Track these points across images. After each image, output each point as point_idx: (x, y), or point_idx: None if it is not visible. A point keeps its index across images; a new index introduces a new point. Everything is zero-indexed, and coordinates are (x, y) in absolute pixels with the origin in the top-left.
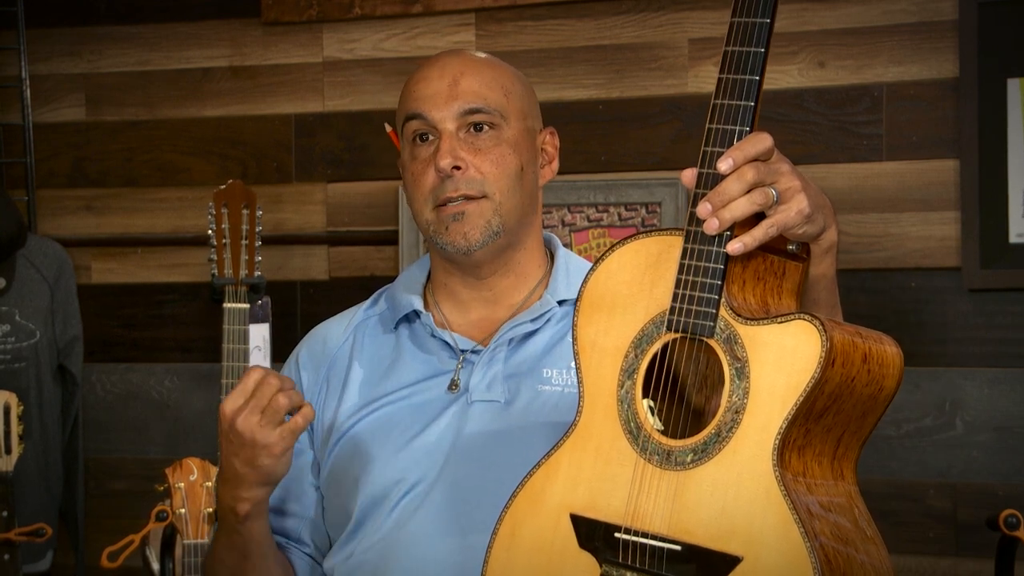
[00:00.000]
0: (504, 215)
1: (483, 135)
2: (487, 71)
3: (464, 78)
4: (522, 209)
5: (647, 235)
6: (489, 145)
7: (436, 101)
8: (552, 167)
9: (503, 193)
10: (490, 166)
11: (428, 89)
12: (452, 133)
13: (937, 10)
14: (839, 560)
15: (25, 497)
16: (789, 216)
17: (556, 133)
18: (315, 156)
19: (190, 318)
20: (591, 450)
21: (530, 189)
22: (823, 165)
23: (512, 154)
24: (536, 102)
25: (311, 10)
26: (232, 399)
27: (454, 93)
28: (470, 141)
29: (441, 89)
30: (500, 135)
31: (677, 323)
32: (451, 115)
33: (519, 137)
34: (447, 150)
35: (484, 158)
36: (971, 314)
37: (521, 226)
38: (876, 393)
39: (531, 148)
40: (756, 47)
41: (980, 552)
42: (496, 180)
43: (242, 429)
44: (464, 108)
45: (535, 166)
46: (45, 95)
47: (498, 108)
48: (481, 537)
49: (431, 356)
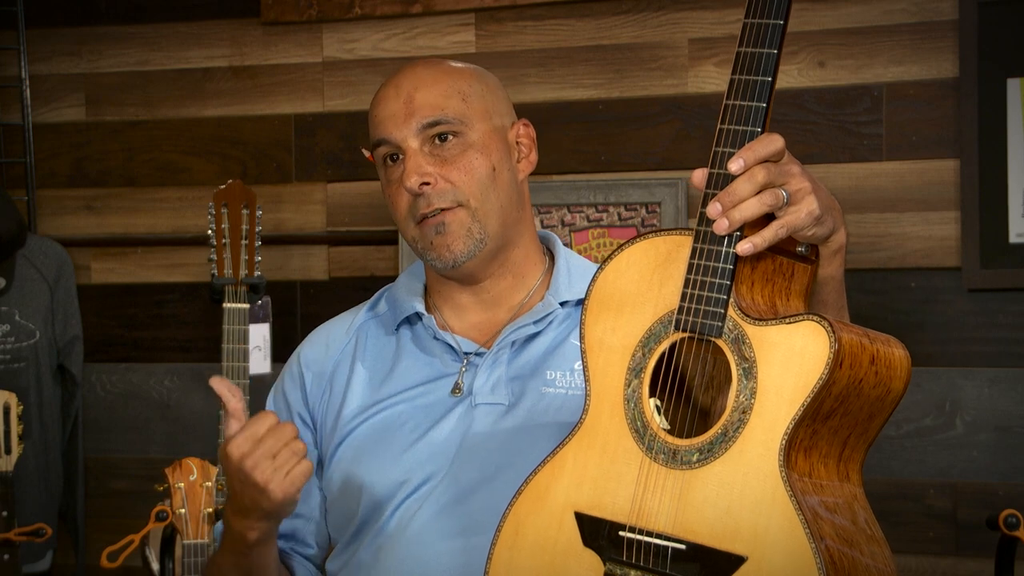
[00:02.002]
0: (483, 220)
1: (447, 145)
2: (443, 80)
3: (419, 92)
4: (503, 210)
5: (656, 234)
6: (455, 154)
7: (396, 121)
8: (530, 159)
9: (477, 198)
10: (458, 174)
11: (386, 110)
12: (416, 150)
13: (937, 10)
14: (844, 561)
15: (25, 497)
16: (799, 217)
17: (530, 124)
18: (315, 156)
19: (190, 318)
20: (597, 448)
21: (507, 187)
22: (823, 165)
23: (480, 157)
24: (504, 97)
25: (311, 10)
26: (239, 443)
27: (410, 110)
28: (436, 153)
29: (398, 109)
30: (465, 141)
31: (685, 323)
32: (411, 132)
33: (486, 139)
34: (412, 169)
35: (451, 168)
36: (971, 314)
37: (507, 226)
38: (883, 395)
39: (502, 146)
40: (769, 48)
41: (980, 552)
42: (467, 187)
43: (250, 473)
44: (423, 123)
45: (510, 162)
46: (45, 95)
47: (457, 115)
48: (484, 538)
49: (434, 358)
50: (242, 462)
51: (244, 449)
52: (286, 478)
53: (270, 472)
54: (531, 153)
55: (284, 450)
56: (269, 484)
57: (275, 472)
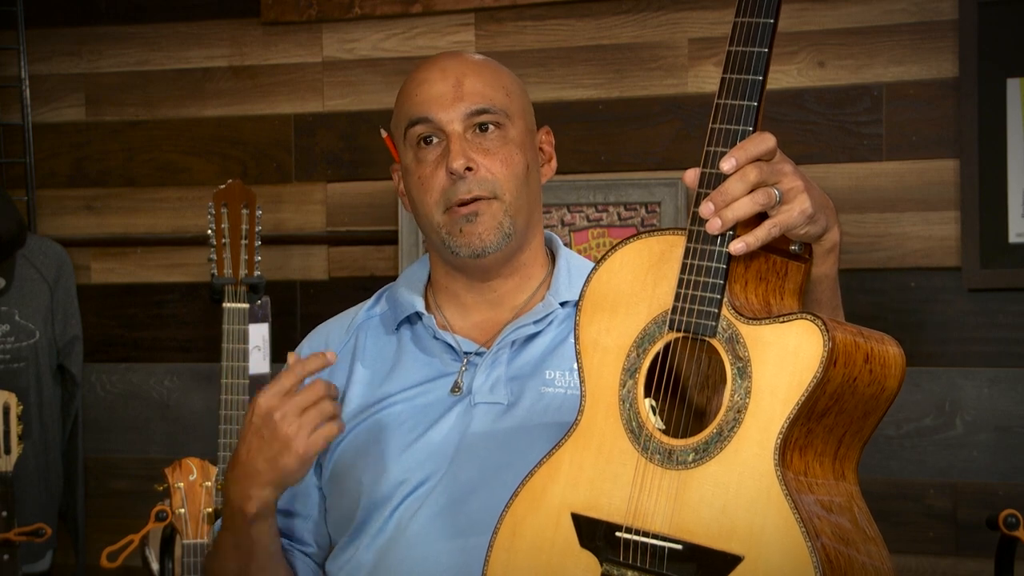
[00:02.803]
0: (514, 216)
1: (489, 135)
2: (488, 72)
3: (467, 79)
4: (529, 209)
5: (649, 235)
6: (496, 145)
7: (442, 103)
8: (551, 165)
9: (512, 193)
10: (500, 166)
11: (432, 91)
12: (460, 134)
13: (937, 10)
14: (840, 560)
15: (25, 497)
16: (792, 216)
17: (551, 131)
18: (315, 156)
19: (190, 318)
20: (592, 449)
21: (535, 189)
22: (823, 165)
23: (519, 153)
24: (531, 102)
25: (311, 10)
26: (269, 396)
27: (459, 94)
28: (477, 142)
29: (446, 91)
30: (506, 135)
31: (679, 322)
32: (458, 116)
33: (523, 137)
34: (458, 151)
35: (493, 158)
36: (971, 314)
37: (527, 227)
38: (878, 393)
39: (533, 147)
40: (759, 47)
41: (980, 552)
42: (506, 180)
43: (278, 424)
44: (471, 109)
45: (537, 165)
46: (45, 95)
47: (503, 108)
48: (482, 538)
49: (433, 358)
50: (271, 413)
51: (273, 402)
52: (311, 436)
53: (295, 428)
54: (552, 160)
55: (313, 409)
56: (293, 440)
57: (300, 429)
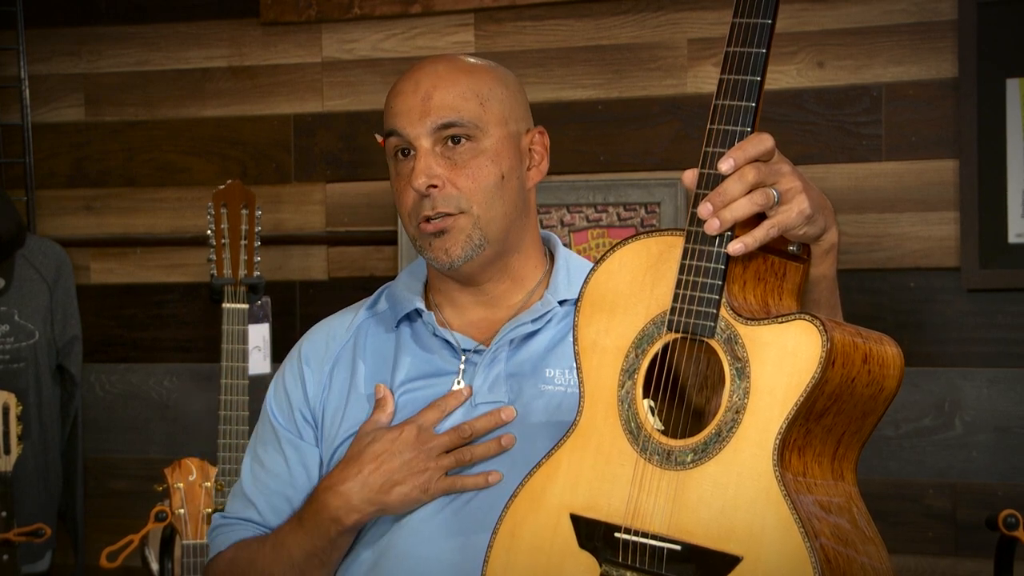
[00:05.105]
0: (485, 227)
1: (460, 148)
2: (463, 81)
3: (437, 91)
4: (507, 217)
5: (648, 235)
6: (466, 158)
7: (411, 117)
8: (541, 168)
9: (481, 206)
10: (466, 180)
11: (403, 104)
12: (428, 149)
13: (936, 10)
14: (839, 560)
15: (24, 497)
16: (790, 217)
17: (545, 132)
18: (314, 156)
19: (189, 318)
20: (591, 450)
21: (514, 195)
22: (822, 165)
23: (490, 165)
24: (522, 101)
25: (310, 10)
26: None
27: (426, 108)
28: (447, 155)
29: (415, 104)
30: (477, 147)
31: (678, 323)
32: (425, 131)
33: (499, 146)
34: (421, 169)
35: (460, 173)
36: (970, 314)
37: (509, 232)
38: (876, 394)
39: (514, 153)
40: (757, 48)
41: (979, 552)
42: (473, 194)
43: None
44: (437, 123)
45: (520, 170)
46: (45, 95)
47: (473, 120)
48: (482, 537)
49: (432, 355)
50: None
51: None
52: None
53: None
54: (543, 162)
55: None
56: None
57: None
